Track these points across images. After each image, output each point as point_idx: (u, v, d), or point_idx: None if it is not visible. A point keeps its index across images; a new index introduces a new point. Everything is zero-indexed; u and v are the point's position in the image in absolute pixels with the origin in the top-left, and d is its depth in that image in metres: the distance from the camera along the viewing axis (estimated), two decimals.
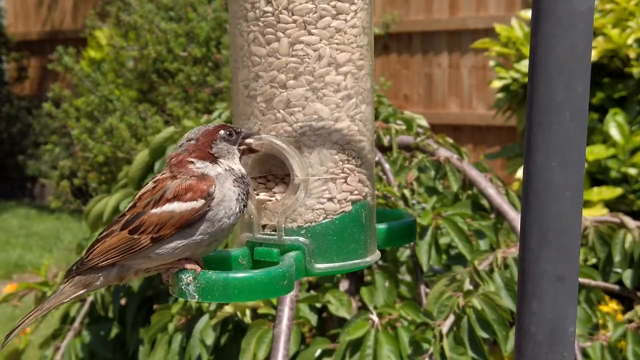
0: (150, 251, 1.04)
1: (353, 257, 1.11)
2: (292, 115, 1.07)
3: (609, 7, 3.54)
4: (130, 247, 1.04)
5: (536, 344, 0.88)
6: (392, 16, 5.83)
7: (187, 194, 1.04)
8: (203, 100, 5.01)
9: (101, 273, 1.07)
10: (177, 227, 1.03)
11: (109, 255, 1.05)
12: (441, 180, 2.33)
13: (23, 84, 8.52)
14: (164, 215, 1.03)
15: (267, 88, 1.08)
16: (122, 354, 2.44)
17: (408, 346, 1.87)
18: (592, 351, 2.00)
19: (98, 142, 5.23)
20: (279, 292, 1.02)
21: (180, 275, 1.02)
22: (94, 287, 1.08)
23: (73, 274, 1.08)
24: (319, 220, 1.09)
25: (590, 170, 3.39)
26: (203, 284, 1.00)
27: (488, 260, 2.00)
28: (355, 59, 1.09)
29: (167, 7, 5.22)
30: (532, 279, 0.88)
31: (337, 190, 1.09)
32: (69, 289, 1.08)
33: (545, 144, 0.85)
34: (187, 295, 1.01)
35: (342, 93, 1.08)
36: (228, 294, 0.99)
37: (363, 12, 1.10)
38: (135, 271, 1.07)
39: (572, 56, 0.83)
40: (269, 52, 1.07)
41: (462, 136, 5.74)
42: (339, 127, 1.09)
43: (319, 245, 1.09)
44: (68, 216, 7.04)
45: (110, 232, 1.06)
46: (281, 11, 1.06)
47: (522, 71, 3.66)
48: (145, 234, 1.03)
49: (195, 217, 1.03)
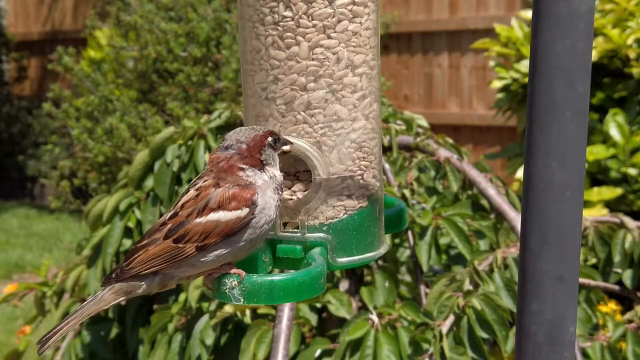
0: (194, 259, 1.04)
1: (370, 250, 1.16)
2: (313, 117, 1.10)
3: (609, 8, 3.55)
4: (175, 255, 1.04)
5: (536, 344, 0.88)
6: (392, 16, 5.84)
7: (232, 203, 1.05)
8: (203, 100, 5.01)
9: (144, 281, 1.07)
10: (222, 235, 1.04)
11: (152, 263, 1.05)
12: (441, 181, 2.33)
13: (23, 84, 8.52)
14: (209, 225, 1.04)
15: (287, 91, 1.10)
16: (122, 354, 2.44)
17: (408, 346, 1.87)
18: (592, 351, 2.00)
19: (98, 142, 5.22)
20: (319, 290, 1.05)
21: (224, 279, 1.03)
22: (134, 295, 1.08)
23: (113, 282, 1.07)
24: (340, 216, 1.12)
25: (591, 170, 3.39)
26: (249, 287, 1.02)
27: (488, 261, 2.00)
28: (369, 60, 1.12)
29: (167, 7, 5.22)
30: (532, 279, 0.88)
31: (355, 187, 1.13)
32: (109, 296, 1.08)
33: (546, 144, 0.85)
34: (232, 299, 1.02)
35: (359, 93, 1.12)
36: (273, 296, 1.02)
37: (374, 14, 1.13)
38: (178, 279, 1.08)
39: (573, 56, 0.83)
40: (288, 55, 1.09)
41: (462, 136, 5.74)
42: (356, 126, 1.12)
43: (340, 241, 1.13)
44: (68, 216, 7.04)
45: (153, 241, 1.06)
46: (301, 16, 1.08)
47: (522, 71, 3.66)
48: (190, 242, 1.04)
49: (240, 226, 1.04)
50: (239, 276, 1.02)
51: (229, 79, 4.89)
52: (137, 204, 2.32)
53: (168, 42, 5.07)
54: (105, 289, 1.08)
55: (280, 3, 1.08)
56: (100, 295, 1.08)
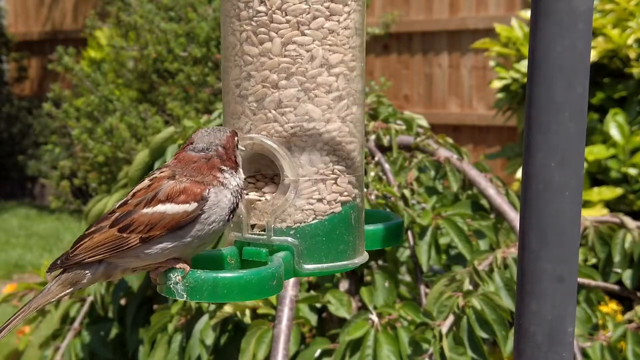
0: (138, 250, 1.03)
1: (341, 259, 1.11)
2: (284, 115, 1.07)
3: (609, 8, 3.54)
4: (119, 245, 1.02)
5: (535, 344, 0.88)
6: (392, 16, 5.83)
7: (181, 196, 1.02)
8: (203, 100, 5.01)
9: (88, 270, 1.05)
10: (167, 228, 1.02)
11: (96, 251, 1.03)
12: (441, 180, 2.33)
13: (23, 84, 8.52)
14: (155, 216, 1.02)
15: (259, 88, 1.07)
16: (122, 354, 2.44)
17: (408, 346, 1.87)
18: (592, 351, 2.00)
19: (98, 142, 5.22)
20: (268, 292, 1.02)
21: (169, 274, 1.01)
22: (80, 285, 1.07)
23: (57, 267, 1.07)
24: (308, 220, 1.08)
25: (590, 170, 3.39)
26: (192, 283, 0.99)
27: (488, 261, 2.00)
28: (348, 60, 1.09)
29: (167, 7, 5.22)
30: (532, 279, 0.88)
31: (327, 191, 1.09)
32: (56, 288, 1.07)
33: (545, 144, 0.85)
34: (176, 294, 1.00)
35: (334, 94, 1.08)
36: (217, 294, 0.99)
37: (356, 13, 1.09)
38: (122, 269, 1.06)
39: (572, 56, 0.83)
40: (261, 51, 1.06)
41: (462, 136, 5.74)
42: (330, 128, 1.08)
43: (308, 246, 1.08)
44: (68, 216, 7.05)
45: (99, 228, 1.04)
46: (275, 11, 1.05)
47: (522, 71, 3.66)
48: (134, 233, 1.02)
49: (187, 220, 1.02)
50: (183, 271, 1.00)
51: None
52: None
53: (168, 42, 5.07)
54: (52, 282, 1.07)
55: None
56: (47, 287, 1.08)
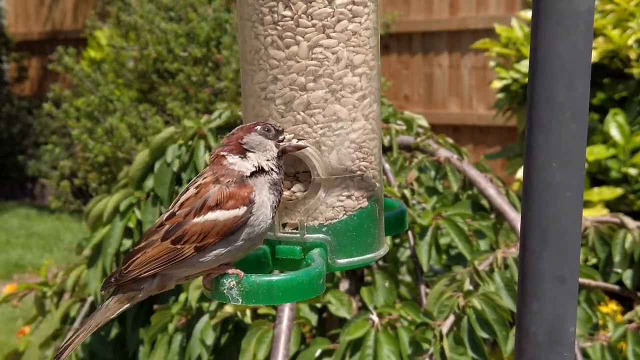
0: (193, 260, 1.03)
1: (370, 251, 1.15)
2: (312, 117, 1.10)
3: (609, 8, 3.55)
4: (174, 257, 1.03)
5: (536, 344, 0.88)
6: (392, 16, 5.83)
7: (229, 202, 1.03)
8: (203, 100, 5.01)
9: (143, 284, 1.06)
10: (220, 235, 1.03)
11: (150, 266, 1.04)
12: (441, 181, 2.33)
13: (23, 84, 8.52)
14: (207, 225, 1.03)
15: (287, 91, 1.10)
16: (122, 354, 2.44)
17: (408, 346, 1.87)
18: (592, 351, 2.00)
19: (98, 142, 5.22)
20: (317, 291, 1.05)
21: (222, 280, 1.03)
22: (137, 300, 1.08)
23: (111, 285, 1.07)
24: (339, 217, 1.12)
25: (591, 170, 3.39)
26: (247, 287, 1.01)
27: (488, 261, 2.00)
28: (369, 60, 1.12)
29: (167, 7, 5.21)
30: (532, 279, 0.88)
31: (355, 188, 1.13)
32: (114, 305, 1.07)
33: (546, 144, 0.85)
34: (230, 299, 1.02)
35: (358, 94, 1.11)
36: (272, 296, 1.01)
37: (374, 14, 1.13)
38: (176, 279, 1.07)
39: (573, 56, 0.83)
40: (288, 55, 1.09)
41: (462, 136, 5.74)
42: (355, 126, 1.12)
43: (340, 241, 1.12)
44: (68, 216, 7.04)
45: (150, 243, 1.05)
46: (300, 15, 1.07)
47: (522, 71, 3.66)
48: (188, 243, 1.02)
49: (239, 224, 1.03)
50: (237, 276, 1.01)
51: (229, 79, 4.89)
52: (137, 204, 2.32)
53: (168, 42, 5.07)
54: (110, 299, 1.08)
55: (280, 2, 1.08)
56: (105, 304, 1.08)
